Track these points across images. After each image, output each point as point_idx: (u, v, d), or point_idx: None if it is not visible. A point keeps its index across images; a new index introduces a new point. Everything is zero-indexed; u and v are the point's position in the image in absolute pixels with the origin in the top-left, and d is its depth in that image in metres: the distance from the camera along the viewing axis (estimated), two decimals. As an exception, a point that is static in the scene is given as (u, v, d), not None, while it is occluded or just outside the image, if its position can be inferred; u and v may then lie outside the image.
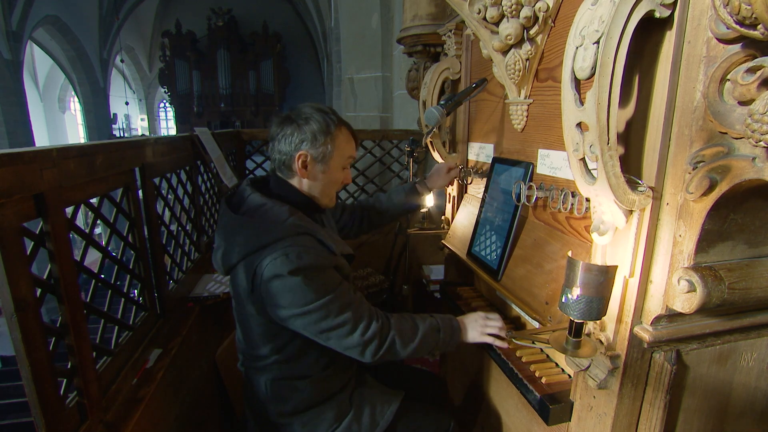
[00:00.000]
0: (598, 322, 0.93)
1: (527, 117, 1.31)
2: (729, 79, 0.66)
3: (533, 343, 1.12)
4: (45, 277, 0.90)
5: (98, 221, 1.16)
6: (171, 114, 18.36)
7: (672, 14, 0.72)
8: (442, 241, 1.85)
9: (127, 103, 16.51)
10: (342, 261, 1.24)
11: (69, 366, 0.95)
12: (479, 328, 1.26)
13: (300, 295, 1.07)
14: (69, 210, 0.98)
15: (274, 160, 1.25)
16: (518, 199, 1.23)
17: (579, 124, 0.78)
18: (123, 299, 1.26)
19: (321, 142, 1.19)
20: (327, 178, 1.26)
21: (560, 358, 1.17)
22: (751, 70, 0.62)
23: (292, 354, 1.21)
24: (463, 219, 1.74)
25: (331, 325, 1.10)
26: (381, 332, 1.14)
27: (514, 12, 1.13)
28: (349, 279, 1.27)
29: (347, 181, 1.32)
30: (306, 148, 1.19)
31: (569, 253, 0.85)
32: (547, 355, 1.23)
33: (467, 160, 1.79)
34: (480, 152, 1.67)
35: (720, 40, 0.67)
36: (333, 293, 1.10)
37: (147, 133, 18.33)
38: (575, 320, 0.87)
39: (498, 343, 1.23)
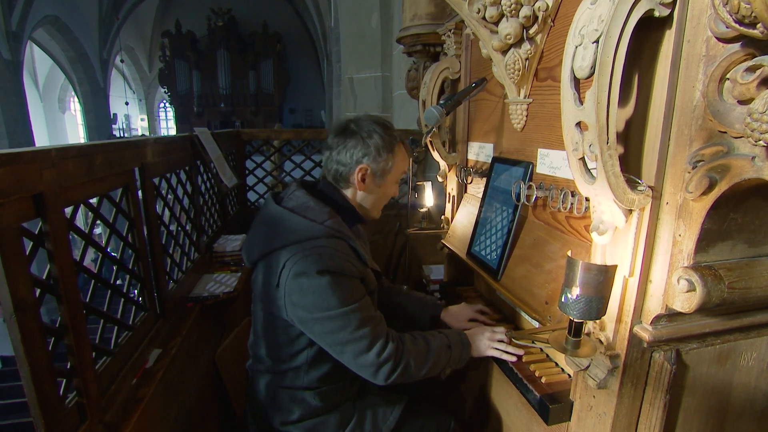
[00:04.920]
0: (597, 321, 0.93)
1: (527, 116, 1.31)
2: (728, 78, 0.66)
3: (533, 342, 1.12)
4: (44, 277, 0.90)
5: (98, 221, 1.15)
6: (171, 114, 18.40)
7: (671, 13, 0.72)
8: (442, 240, 1.85)
9: (127, 103, 16.52)
10: (370, 274, 1.23)
11: (68, 366, 0.95)
12: (486, 341, 1.25)
13: (323, 298, 1.06)
14: (68, 210, 0.98)
15: (329, 170, 1.25)
16: (518, 198, 1.23)
17: (578, 124, 0.78)
18: (122, 299, 1.26)
19: (383, 158, 1.21)
20: (381, 192, 1.28)
21: (560, 357, 1.17)
22: (751, 69, 0.61)
23: (305, 363, 1.19)
24: (463, 219, 1.74)
25: (348, 338, 1.08)
26: (396, 354, 1.12)
27: (513, 11, 1.13)
28: (374, 296, 1.25)
29: (395, 194, 1.33)
30: (368, 162, 1.20)
31: (569, 253, 0.85)
32: (547, 355, 1.23)
33: (467, 159, 1.78)
34: (480, 152, 1.67)
35: (719, 39, 0.67)
36: (356, 304, 1.09)
37: (147, 133, 18.34)
38: (575, 320, 0.87)
39: (505, 357, 1.22)
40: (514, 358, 1.21)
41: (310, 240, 1.10)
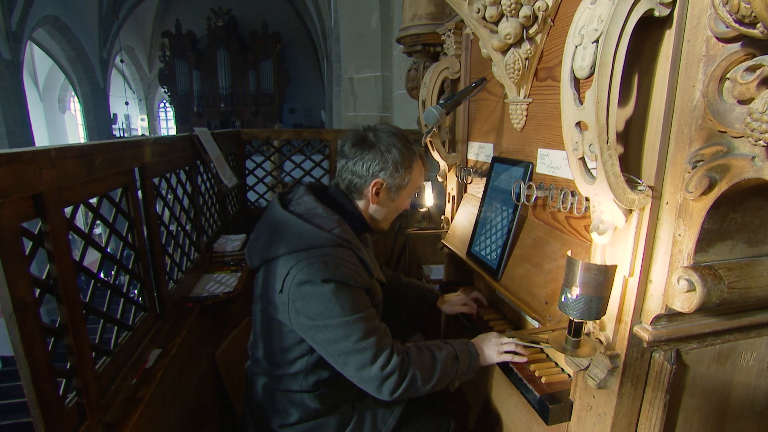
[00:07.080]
0: (597, 321, 0.93)
1: (527, 116, 1.31)
2: (728, 78, 0.66)
3: (533, 342, 1.12)
4: (44, 277, 0.90)
5: (98, 221, 1.15)
6: (171, 114, 18.39)
7: (671, 13, 0.72)
8: (442, 240, 1.85)
9: (127, 103, 16.51)
10: (376, 285, 1.21)
11: (68, 366, 0.95)
12: (495, 347, 1.22)
13: (326, 306, 1.05)
14: (68, 210, 0.98)
15: (343, 179, 1.22)
16: (518, 198, 1.23)
17: (578, 124, 0.77)
18: (122, 299, 1.26)
19: (400, 174, 1.19)
20: (394, 206, 1.27)
21: (560, 357, 1.17)
22: (751, 69, 0.61)
23: (303, 370, 1.18)
24: (463, 218, 1.74)
25: (351, 348, 1.06)
26: (401, 368, 1.08)
27: (513, 11, 1.13)
28: (379, 308, 1.24)
29: (408, 208, 1.32)
30: (384, 176, 1.18)
31: (569, 253, 0.85)
32: (547, 355, 1.23)
33: (467, 159, 1.78)
34: (479, 152, 1.67)
35: (719, 39, 0.67)
36: (360, 314, 1.07)
37: (147, 133, 18.34)
38: (575, 320, 0.87)
39: (516, 359, 1.20)
40: (525, 359, 1.20)
41: (316, 248, 1.09)
